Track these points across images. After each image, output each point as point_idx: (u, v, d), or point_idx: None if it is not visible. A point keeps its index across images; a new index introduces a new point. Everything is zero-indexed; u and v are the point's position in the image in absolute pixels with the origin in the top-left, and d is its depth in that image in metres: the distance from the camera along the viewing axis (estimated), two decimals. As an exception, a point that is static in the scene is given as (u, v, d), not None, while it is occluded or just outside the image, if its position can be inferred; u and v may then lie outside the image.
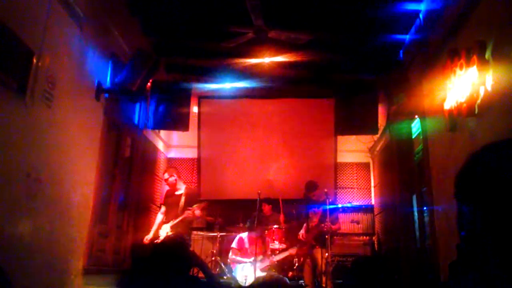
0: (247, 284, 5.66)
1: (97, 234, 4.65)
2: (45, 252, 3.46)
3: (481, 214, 0.83)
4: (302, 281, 5.92)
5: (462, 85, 3.51)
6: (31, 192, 3.19)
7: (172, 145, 8.21)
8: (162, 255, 2.00)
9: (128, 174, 5.75)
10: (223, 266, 6.34)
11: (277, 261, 6.06)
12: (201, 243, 6.96)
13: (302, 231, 6.03)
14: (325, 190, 6.10)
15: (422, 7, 4.90)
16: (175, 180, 5.87)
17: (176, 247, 2.11)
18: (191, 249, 6.00)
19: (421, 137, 5.20)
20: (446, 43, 4.04)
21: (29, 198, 3.17)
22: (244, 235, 6.42)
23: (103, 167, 4.67)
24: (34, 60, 3.14)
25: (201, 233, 7.16)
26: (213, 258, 6.48)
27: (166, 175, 5.93)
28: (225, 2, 5.11)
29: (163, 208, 5.91)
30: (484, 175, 0.84)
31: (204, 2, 5.16)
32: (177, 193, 5.78)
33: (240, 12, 4.87)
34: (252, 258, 5.82)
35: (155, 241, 5.28)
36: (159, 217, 5.88)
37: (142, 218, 6.25)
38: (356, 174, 8.18)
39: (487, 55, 3.18)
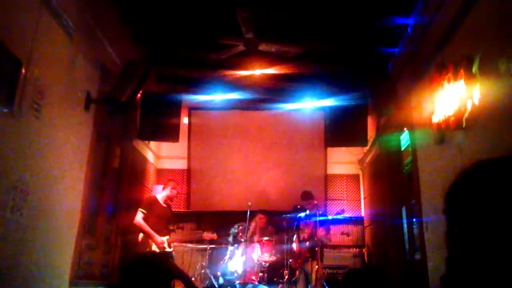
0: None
1: (85, 246, 4.59)
2: (31, 264, 3.39)
3: (470, 232, 0.83)
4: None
5: (450, 99, 3.55)
6: (17, 204, 3.14)
7: (161, 156, 8.17)
8: (143, 268, 1.98)
9: (117, 185, 5.69)
10: (212, 279, 6.28)
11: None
12: (190, 255, 6.90)
13: (294, 244, 5.99)
14: (315, 201, 6.10)
15: (410, 20, 4.98)
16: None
17: (156, 260, 2.09)
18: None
19: (410, 149, 5.24)
20: (434, 57, 4.10)
21: (15, 210, 3.12)
22: None
23: (91, 178, 4.62)
24: (23, 70, 3.11)
25: (191, 245, 7.09)
26: (202, 271, 6.43)
27: (174, 190, 5.64)
28: (216, 14, 5.15)
29: (141, 214, 5.26)
30: (475, 193, 0.85)
31: (195, 14, 5.18)
32: (164, 205, 5.58)
33: (231, 24, 4.90)
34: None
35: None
36: (144, 223, 5.24)
37: (130, 229, 6.16)
38: (346, 186, 8.20)
39: (474, 69, 3.23)
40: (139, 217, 5.24)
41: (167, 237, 5.38)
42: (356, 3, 4.87)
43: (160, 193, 5.67)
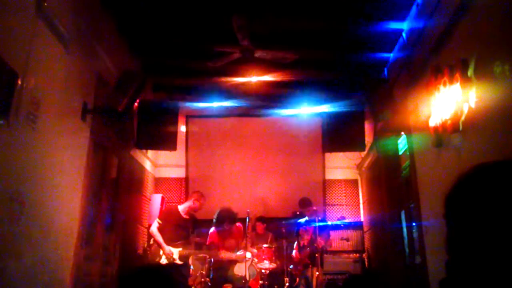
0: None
1: (84, 257, 4.55)
2: (29, 277, 3.36)
3: (470, 235, 0.83)
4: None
5: (446, 102, 3.56)
6: (14, 216, 3.12)
7: (159, 165, 8.14)
8: (143, 279, 1.96)
9: (114, 195, 5.66)
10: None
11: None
12: (189, 263, 6.83)
13: (294, 251, 5.97)
14: (314, 208, 6.09)
15: (405, 26, 5.00)
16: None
17: (159, 271, 2.08)
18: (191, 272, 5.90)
19: (408, 153, 5.24)
20: (430, 61, 4.12)
21: (12, 222, 3.10)
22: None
23: (89, 188, 4.60)
24: (18, 82, 3.10)
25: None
26: (202, 280, 6.37)
27: (198, 202, 5.80)
28: (212, 22, 5.16)
29: (157, 224, 5.58)
30: (474, 196, 0.85)
31: (191, 22, 5.20)
32: (185, 216, 5.65)
33: (227, 32, 4.92)
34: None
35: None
36: (157, 232, 5.55)
37: (129, 239, 6.14)
38: (344, 191, 8.19)
39: (470, 72, 3.24)
40: (154, 226, 5.52)
41: (180, 249, 5.38)
42: (351, 9, 4.90)
43: (183, 204, 5.76)
